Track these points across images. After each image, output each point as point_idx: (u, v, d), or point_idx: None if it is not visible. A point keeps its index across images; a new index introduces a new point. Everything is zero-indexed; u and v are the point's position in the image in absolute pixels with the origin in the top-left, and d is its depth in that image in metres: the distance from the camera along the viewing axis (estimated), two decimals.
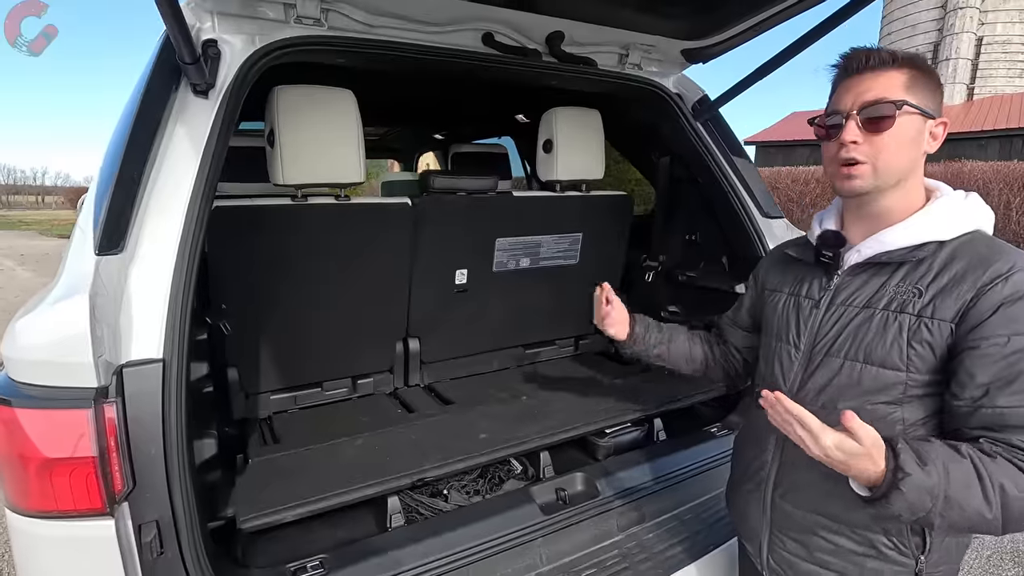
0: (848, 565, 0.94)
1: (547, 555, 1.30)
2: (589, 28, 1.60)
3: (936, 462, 0.77)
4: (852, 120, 0.88)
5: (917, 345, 0.85)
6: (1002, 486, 0.76)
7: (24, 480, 0.82)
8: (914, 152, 0.90)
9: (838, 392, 0.93)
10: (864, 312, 0.91)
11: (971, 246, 0.87)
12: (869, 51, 0.90)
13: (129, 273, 0.96)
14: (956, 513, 0.76)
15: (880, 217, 0.93)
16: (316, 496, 1.26)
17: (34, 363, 0.84)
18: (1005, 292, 0.80)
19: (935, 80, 0.90)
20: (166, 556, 0.92)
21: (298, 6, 1.25)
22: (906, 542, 0.90)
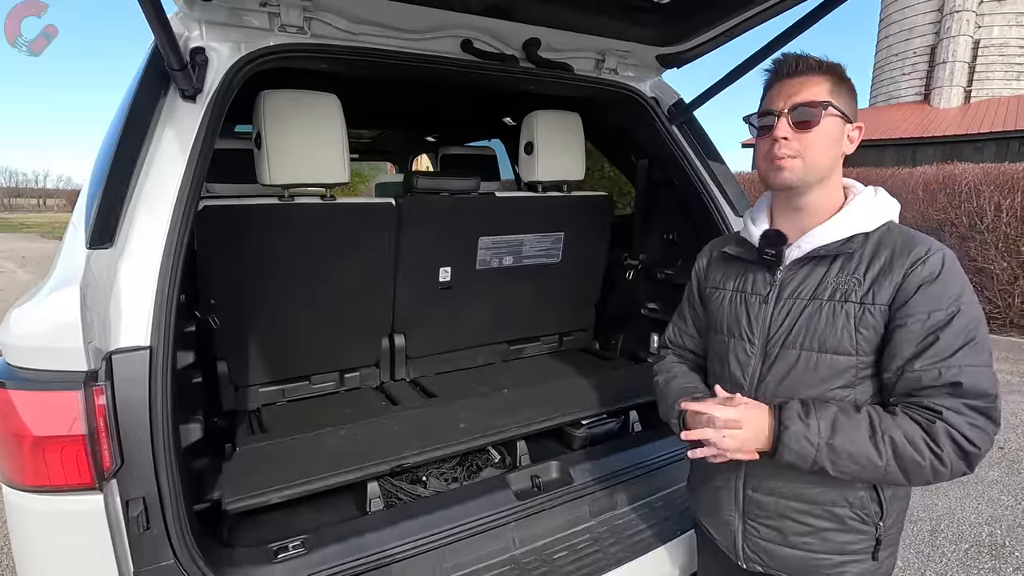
0: (818, 541, 1.02)
1: (520, 539, 1.36)
2: (565, 35, 1.66)
3: (822, 417, 0.90)
4: (784, 118, 0.97)
5: (864, 330, 0.94)
6: (892, 437, 0.87)
7: (19, 457, 0.88)
8: (835, 151, 0.99)
9: (797, 382, 0.99)
10: (812, 304, 0.98)
11: (890, 235, 0.97)
12: (799, 57, 0.99)
13: (119, 266, 1.02)
14: (846, 459, 0.89)
15: (807, 211, 1.02)
16: (299, 480, 1.32)
17: (29, 349, 0.91)
18: (924, 274, 0.90)
19: (852, 89, 1.01)
20: (152, 532, 0.98)
21: (282, 15, 1.31)
22: (867, 512, 0.99)
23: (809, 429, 0.90)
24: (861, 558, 1.01)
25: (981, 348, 0.89)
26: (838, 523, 1.00)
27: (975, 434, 0.86)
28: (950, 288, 0.90)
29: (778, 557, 1.06)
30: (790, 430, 0.91)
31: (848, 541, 1.01)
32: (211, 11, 1.25)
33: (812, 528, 1.02)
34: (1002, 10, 19.10)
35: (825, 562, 1.02)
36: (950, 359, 0.87)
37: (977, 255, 6.43)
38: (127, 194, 1.07)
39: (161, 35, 1.04)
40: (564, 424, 1.70)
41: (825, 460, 0.90)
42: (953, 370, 0.87)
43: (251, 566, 1.13)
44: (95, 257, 0.98)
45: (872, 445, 0.88)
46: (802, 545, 1.03)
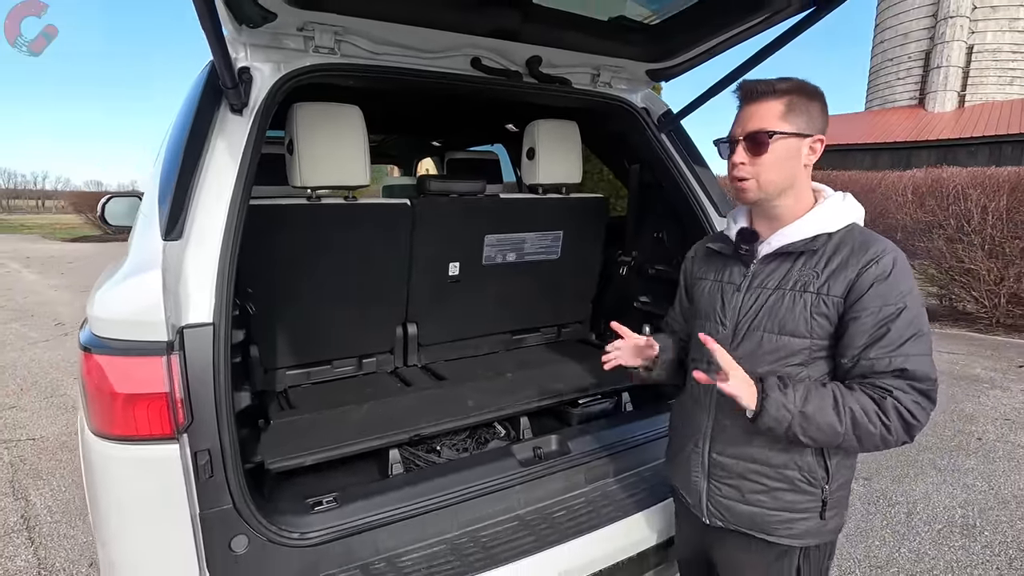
0: (771, 500, 1.17)
1: (524, 500, 1.54)
2: (564, 53, 1.84)
3: (797, 389, 1.05)
4: (739, 145, 1.12)
5: (818, 317, 1.09)
6: (851, 409, 1.03)
7: (111, 411, 1.06)
8: (790, 168, 1.12)
9: (760, 358, 1.14)
10: (776, 293, 1.14)
11: (851, 236, 1.11)
12: (755, 84, 1.13)
13: (185, 256, 1.20)
14: (813, 427, 1.03)
15: (778, 217, 1.17)
16: (330, 445, 1.50)
17: (120, 322, 1.09)
18: (876, 272, 1.05)
19: (815, 104, 1.12)
20: (215, 479, 1.16)
21: (316, 38, 1.49)
22: (815, 476, 1.14)
23: (787, 398, 1.04)
24: (809, 516, 1.15)
25: (924, 339, 1.04)
26: (789, 484, 1.14)
27: (917, 410, 1.02)
28: (899, 286, 1.03)
29: (736, 512, 1.20)
30: (771, 397, 1.04)
31: (797, 500, 1.15)
32: (256, 36, 1.43)
33: (766, 487, 1.16)
34: (995, 16, 19.36)
35: (776, 518, 1.16)
36: (899, 349, 1.02)
37: (964, 256, 6.60)
38: (190, 195, 1.25)
39: (220, 58, 1.22)
40: (562, 403, 1.88)
41: (797, 426, 1.04)
42: (900, 358, 1.02)
43: (293, 515, 1.31)
44: (169, 247, 1.17)
45: (835, 415, 1.03)
46: (757, 502, 1.17)
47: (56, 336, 6.26)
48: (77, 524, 2.73)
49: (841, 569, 2.45)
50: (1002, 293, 6.52)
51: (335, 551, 1.30)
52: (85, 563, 2.46)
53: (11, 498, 2.98)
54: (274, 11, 1.34)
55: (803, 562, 1.18)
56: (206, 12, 1.04)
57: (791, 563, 1.18)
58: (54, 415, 4.05)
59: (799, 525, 1.16)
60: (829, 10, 1.51)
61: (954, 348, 5.90)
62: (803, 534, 1.16)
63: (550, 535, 1.43)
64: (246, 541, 1.20)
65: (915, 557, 2.53)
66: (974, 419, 4.07)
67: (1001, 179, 6.51)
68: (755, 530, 1.19)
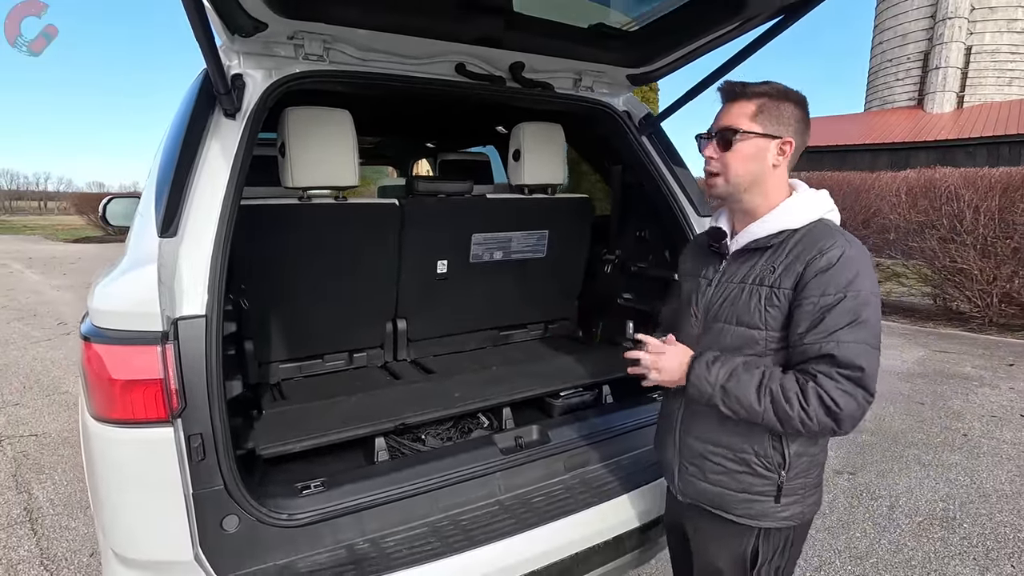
0: (730, 480, 1.24)
1: (504, 486, 1.61)
2: (546, 59, 1.90)
3: (724, 366, 1.16)
4: (711, 140, 1.19)
5: (771, 308, 1.15)
6: (771, 389, 1.10)
7: (110, 396, 1.14)
8: (756, 166, 1.18)
9: (721, 348, 1.21)
10: (739, 287, 1.21)
11: (812, 232, 1.17)
12: (732, 84, 1.20)
13: (180, 252, 1.28)
14: (733, 401, 1.13)
15: (749, 213, 1.23)
16: (319, 433, 1.58)
17: (118, 313, 1.17)
18: (820, 264, 1.10)
19: (788, 108, 1.16)
20: (207, 462, 1.23)
21: (306, 46, 1.56)
22: (771, 462, 1.20)
23: (710, 373, 1.15)
24: (764, 499, 1.21)
25: (862, 328, 1.06)
26: (746, 467, 1.21)
27: (842, 398, 1.04)
28: (841, 277, 1.07)
29: (699, 490, 1.29)
30: (694, 371, 1.18)
31: (753, 483, 1.21)
32: (248, 44, 1.50)
33: (725, 469, 1.24)
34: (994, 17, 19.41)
35: (733, 498, 1.24)
36: (831, 335, 1.06)
37: (957, 256, 6.65)
38: (185, 195, 1.33)
39: (213, 66, 1.29)
40: (545, 394, 1.95)
41: (717, 399, 1.15)
42: (831, 344, 1.06)
43: (282, 498, 1.38)
44: (164, 244, 1.24)
45: (756, 394, 1.11)
46: (717, 482, 1.25)
47: (58, 335, 6.35)
48: (78, 516, 2.80)
49: (821, 559, 2.52)
50: (994, 292, 6.58)
51: (322, 532, 1.37)
52: (86, 553, 2.54)
53: (14, 491, 3.06)
54: (265, 21, 1.41)
55: (762, 543, 1.25)
56: (199, 23, 1.12)
57: (749, 542, 1.25)
58: (56, 412, 4.14)
59: (755, 507, 1.22)
60: (796, 19, 1.58)
61: (947, 347, 5.96)
62: (759, 515, 1.23)
63: (528, 519, 1.50)
64: (237, 521, 1.27)
65: (894, 548, 2.60)
66: (961, 416, 4.13)
67: (993, 179, 6.57)
68: (715, 507, 1.27)
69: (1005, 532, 2.72)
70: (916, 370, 5.19)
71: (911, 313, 7.59)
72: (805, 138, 1.22)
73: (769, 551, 1.26)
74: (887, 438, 3.76)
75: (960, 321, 7.05)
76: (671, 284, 2.16)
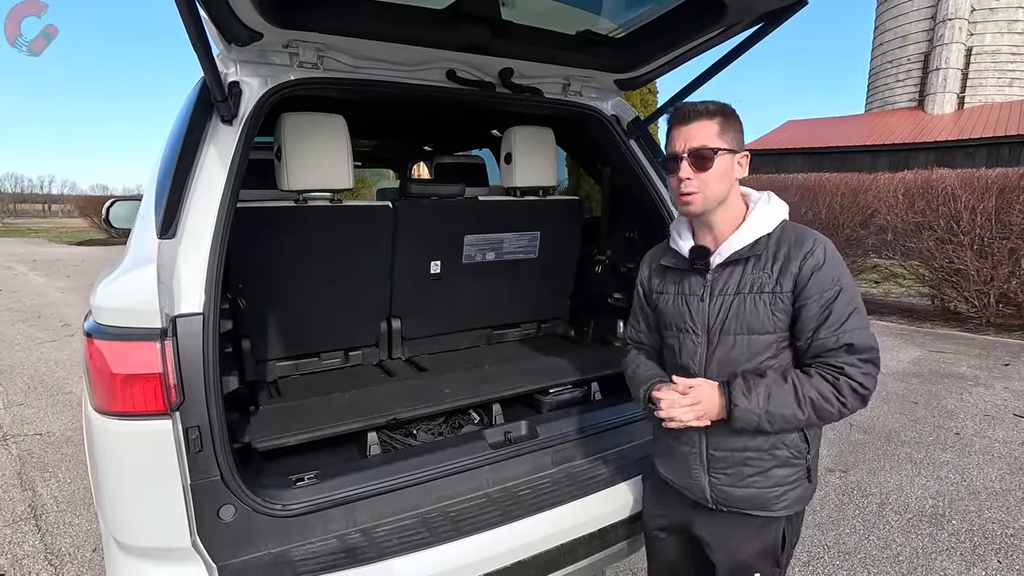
0: (764, 479, 1.30)
1: (493, 479, 1.66)
2: (534, 65, 1.95)
3: (760, 391, 1.20)
4: (685, 161, 1.24)
5: (778, 312, 1.22)
6: (811, 398, 1.17)
7: (112, 390, 1.19)
8: (729, 180, 1.26)
9: (735, 359, 1.27)
10: (738, 297, 1.26)
11: (786, 233, 1.25)
12: (693, 105, 1.26)
13: (178, 253, 1.33)
14: (779, 420, 1.20)
15: (716, 226, 1.29)
16: (313, 427, 1.63)
17: (119, 311, 1.22)
18: (813, 263, 1.19)
19: (738, 124, 1.27)
20: (204, 453, 1.29)
21: (300, 54, 1.62)
22: (799, 450, 1.28)
23: (751, 403, 1.20)
24: (798, 484, 1.30)
25: (861, 314, 1.19)
26: (779, 462, 1.28)
27: (868, 380, 1.16)
28: (832, 272, 1.18)
29: (738, 497, 1.32)
30: (739, 407, 1.20)
31: (788, 474, 1.29)
32: (244, 53, 1.56)
33: (760, 469, 1.29)
34: (994, 18, 19.42)
35: (772, 494, 1.30)
36: (842, 326, 1.16)
37: (954, 256, 6.68)
38: (184, 198, 1.38)
39: (210, 74, 1.34)
40: (534, 391, 2.01)
41: (764, 423, 1.21)
42: (846, 335, 1.16)
43: (276, 489, 1.43)
44: (164, 245, 1.30)
45: (797, 406, 1.18)
46: (753, 484, 1.30)
47: (62, 336, 6.43)
48: (81, 513, 2.86)
49: (810, 555, 2.56)
50: (991, 293, 6.60)
51: (314, 522, 1.43)
52: (89, 548, 2.59)
53: (19, 489, 3.12)
54: (260, 31, 1.47)
55: (787, 528, 1.33)
56: (196, 33, 1.17)
57: (779, 530, 1.32)
58: (60, 412, 4.20)
59: (791, 495, 1.30)
60: (776, 26, 1.64)
61: (943, 347, 5.99)
62: (795, 502, 1.31)
63: (515, 510, 1.55)
64: (233, 510, 1.32)
65: (883, 544, 2.64)
66: (955, 415, 4.17)
67: (990, 180, 6.60)
68: (755, 509, 1.32)
69: (993, 528, 2.76)
70: (911, 370, 5.22)
71: (908, 313, 7.61)
72: None
73: (793, 533, 1.34)
74: (880, 437, 3.79)
75: (957, 321, 7.08)
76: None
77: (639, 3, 1.80)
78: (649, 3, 1.76)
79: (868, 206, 8.23)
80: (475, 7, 1.60)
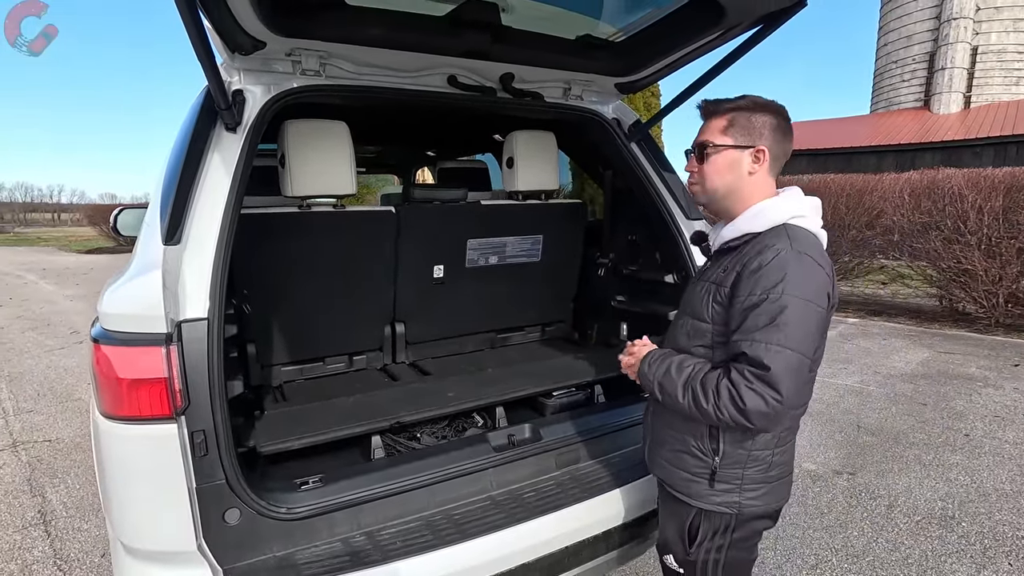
0: (676, 459, 1.37)
1: (496, 482, 1.67)
2: (535, 69, 1.97)
3: (662, 364, 1.31)
4: (691, 155, 1.32)
5: (715, 304, 1.26)
6: (692, 388, 1.21)
7: (118, 395, 1.21)
8: (731, 175, 1.27)
9: (680, 337, 1.36)
10: (700, 284, 1.34)
11: (768, 235, 1.22)
12: (707, 103, 1.31)
13: (183, 259, 1.35)
14: (667, 395, 1.28)
15: (725, 217, 1.34)
16: (318, 431, 1.64)
17: (125, 316, 1.24)
18: (753, 266, 1.17)
19: (759, 118, 1.24)
20: (209, 457, 1.30)
21: (303, 62, 1.64)
22: (705, 448, 1.31)
23: (650, 369, 1.33)
24: (700, 481, 1.33)
25: (776, 330, 1.09)
26: (687, 450, 1.34)
27: (748, 394, 1.10)
28: (767, 279, 1.12)
29: (658, 466, 1.44)
30: (640, 369, 1.37)
31: (692, 465, 1.34)
32: (248, 61, 1.58)
33: (673, 448, 1.38)
34: (1000, 17, 19.32)
35: (677, 475, 1.37)
36: (749, 335, 1.12)
37: (962, 257, 6.64)
38: (188, 205, 1.40)
39: (214, 83, 1.37)
40: (538, 394, 2.01)
41: (656, 391, 1.31)
42: (746, 343, 1.12)
43: (281, 492, 1.44)
44: (169, 251, 1.32)
45: (680, 390, 1.24)
46: (668, 460, 1.40)
47: (71, 344, 6.48)
48: (90, 519, 2.88)
49: (818, 558, 2.54)
50: (1000, 293, 6.54)
51: (319, 525, 1.43)
52: (97, 553, 2.61)
53: (28, 495, 3.14)
54: (263, 40, 1.49)
55: (702, 521, 1.34)
56: (200, 43, 1.19)
57: (689, 518, 1.36)
58: (69, 418, 4.24)
59: (692, 487, 1.35)
60: (775, 27, 1.64)
61: (952, 348, 5.94)
62: (695, 496, 1.34)
63: (519, 513, 1.55)
64: (238, 514, 1.33)
65: (891, 547, 2.61)
66: (964, 416, 4.13)
67: (997, 180, 6.55)
68: (666, 483, 1.42)
69: (1004, 531, 2.73)
70: (920, 371, 5.18)
71: (916, 314, 7.56)
72: (785, 145, 1.29)
73: (709, 530, 1.34)
74: (888, 438, 3.76)
75: (966, 322, 7.01)
76: (661, 286, 2.22)
77: (638, 7, 1.81)
78: (648, 6, 1.77)
79: (874, 207, 8.19)
80: (475, 13, 1.61)
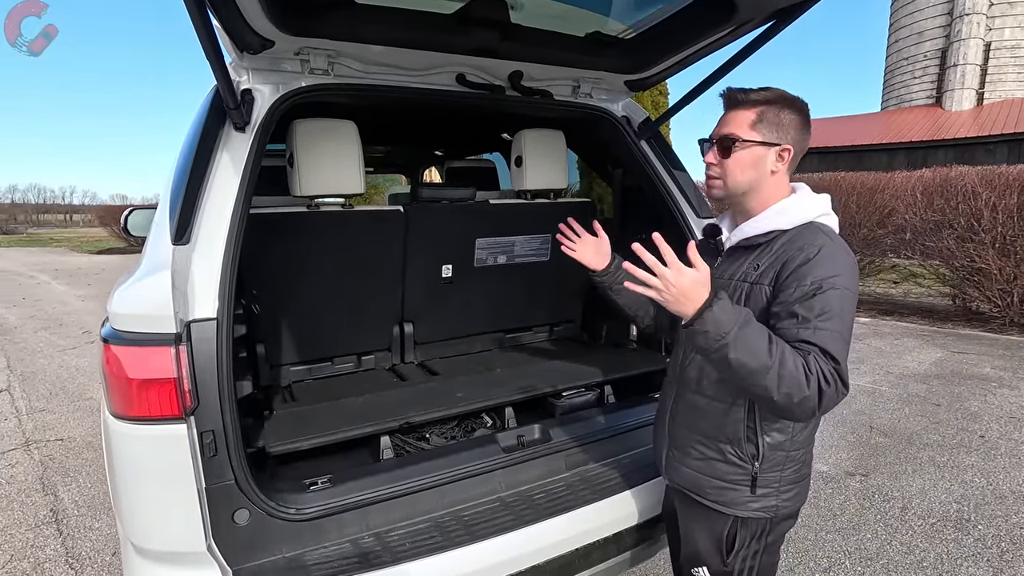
0: (706, 466, 1.30)
1: (506, 483, 1.65)
2: (544, 67, 1.95)
3: (742, 311, 1.08)
4: (712, 147, 1.24)
5: (750, 304, 1.19)
6: (783, 349, 1.05)
7: (128, 395, 1.21)
8: (754, 172, 1.22)
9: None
10: (726, 283, 1.26)
11: (800, 234, 1.19)
12: (734, 92, 1.24)
13: (192, 259, 1.35)
14: (745, 350, 1.02)
15: (746, 213, 1.29)
16: (327, 432, 1.64)
17: (134, 316, 1.24)
18: (799, 260, 1.14)
19: (787, 115, 1.19)
20: (218, 457, 1.30)
21: (311, 61, 1.63)
22: (745, 453, 1.25)
23: (735, 309, 1.07)
24: (739, 488, 1.26)
25: (835, 319, 1.06)
26: (721, 456, 1.27)
27: (832, 377, 1.03)
28: (817, 271, 1.10)
29: (681, 475, 1.37)
30: (722, 301, 1.06)
31: (727, 472, 1.27)
32: (256, 60, 1.57)
33: (703, 456, 1.30)
34: (1013, 12, 19.04)
35: (708, 483, 1.30)
36: (810, 323, 1.07)
37: (976, 255, 6.55)
38: (197, 204, 1.40)
39: (223, 82, 1.36)
40: (547, 394, 1.99)
41: (731, 340, 1.03)
42: (808, 331, 1.06)
43: (290, 493, 1.44)
44: (177, 251, 1.32)
45: (767, 345, 1.04)
46: (695, 468, 1.32)
47: (83, 344, 6.54)
48: (102, 518, 2.90)
49: (831, 560, 2.51)
50: (1015, 292, 6.45)
51: (328, 526, 1.43)
52: (109, 552, 2.63)
53: (41, 494, 3.17)
54: (272, 39, 1.48)
55: (740, 529, 1.30)
56: (209, 42, 1.19)
57: (726, 527, 1.30)
58: (81, 418, 4.27)
59: (728, 495, 1.28)
60: (788, 23, 1.62)
61: (966, 348, 5.86)
62: (732, 503, 1.28)
63: (528, 515, 1.54)
64: (247, 514, 1.33)
65: (906, 550, 2.58)
66: (979, 417, 4.07)
67: (1011, 177, 6.46)
68: (693, 492, 1.34)
69: (1021, 533, 2.68)
70: (933, 371, 5.11)
71: (929, 314, 7.46)
72: (805, 143, 1.25)
73: (746, 537, 1.30)
74: (901, 440, 3.72)
75: (980, 321, 6.92)
76: None
77: (649, 3, 1.79)
78: (659, 3, 1.75)
79: (885, 205, 8.09)
80: (484, 11, 1.60)
